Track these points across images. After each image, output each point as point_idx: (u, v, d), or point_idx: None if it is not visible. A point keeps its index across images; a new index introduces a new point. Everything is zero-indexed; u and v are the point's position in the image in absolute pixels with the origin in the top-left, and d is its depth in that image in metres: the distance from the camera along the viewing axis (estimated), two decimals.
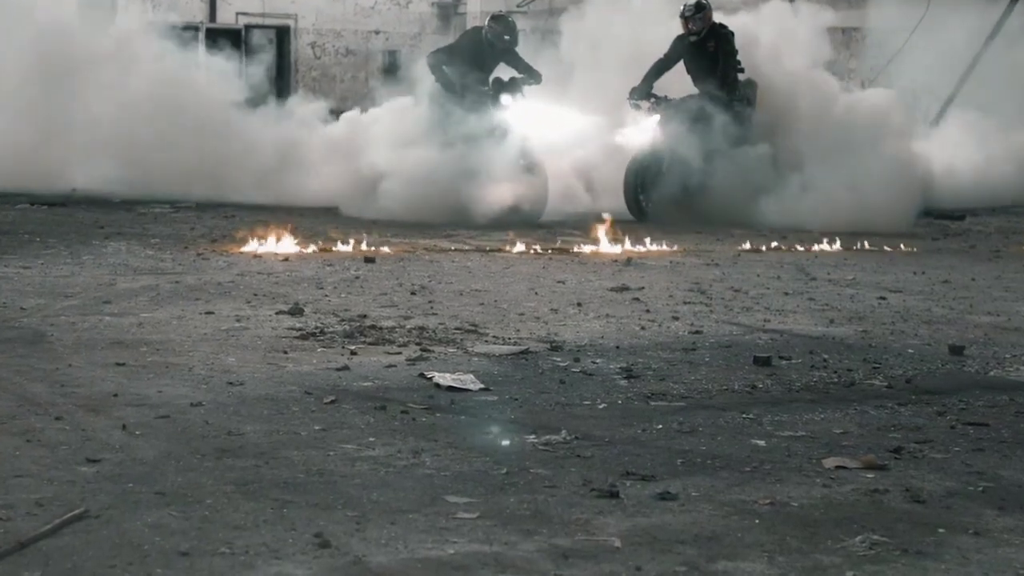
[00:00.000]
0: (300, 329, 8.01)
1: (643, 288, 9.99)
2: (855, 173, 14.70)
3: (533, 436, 5.64)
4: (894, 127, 15.88)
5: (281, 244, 11.90)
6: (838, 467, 5.27)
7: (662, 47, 15.82)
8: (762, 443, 5.63)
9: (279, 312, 8.58)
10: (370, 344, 7.64)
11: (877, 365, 7.34)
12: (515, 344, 7.73)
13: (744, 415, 6.12)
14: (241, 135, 17.22)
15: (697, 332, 8.22)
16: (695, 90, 15.60)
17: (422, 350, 7.47)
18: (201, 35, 26.29)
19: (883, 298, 9.76)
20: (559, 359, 7.32)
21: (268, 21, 31.00)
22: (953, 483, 5.09)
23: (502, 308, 9.02)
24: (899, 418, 6.14)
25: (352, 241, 12.24)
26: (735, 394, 6.60)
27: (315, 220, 14.65)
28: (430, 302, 9.19)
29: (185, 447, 5.33)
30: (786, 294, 9.91)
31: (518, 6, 16.25)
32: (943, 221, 15.67)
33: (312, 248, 11.94)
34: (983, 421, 6.09)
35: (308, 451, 5.32)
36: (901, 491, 4.94)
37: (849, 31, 18.31)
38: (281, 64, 29.11)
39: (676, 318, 8.73)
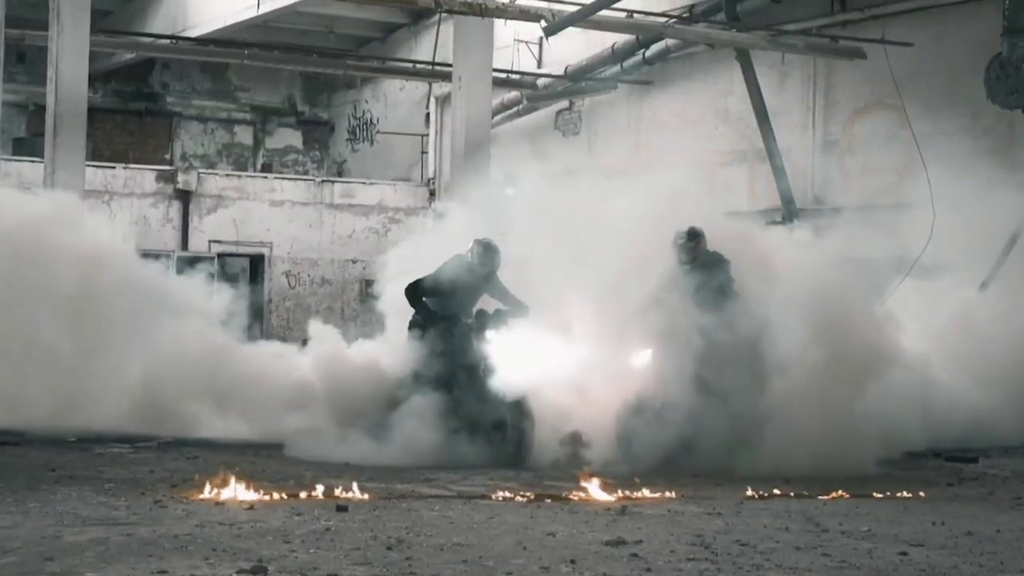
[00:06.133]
0: None
1: (641, 542, 9.11)
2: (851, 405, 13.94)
3: None
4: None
5: (245, 490, 11.03)
6: None
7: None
8: None
9: (240, 572, 7.69)
10: None
11: None
12: None
13: None
14: (209, 371, 16.43)
15: None
16: (694, 320, 14.71)
17: None
18: (172, 263, 25.65)
19: (904, 553, 8.88)
20: None
21: (242, 249, 30.54)
22: None
23: (487, 566, 8.14)
24: None
25: (322, 487, 11.36)
26: None
27: (284, 461, 13.78)
28: (408, 559, 8.30)
29: None
30: (798, 548, 9.03)
31: (502, 233, 15.62)
32: (955, 464, 14.85)
33: (279, 495, 11.06)
34: None
35: None
36: None
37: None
38: (254, 294, 28.47)
39: None
